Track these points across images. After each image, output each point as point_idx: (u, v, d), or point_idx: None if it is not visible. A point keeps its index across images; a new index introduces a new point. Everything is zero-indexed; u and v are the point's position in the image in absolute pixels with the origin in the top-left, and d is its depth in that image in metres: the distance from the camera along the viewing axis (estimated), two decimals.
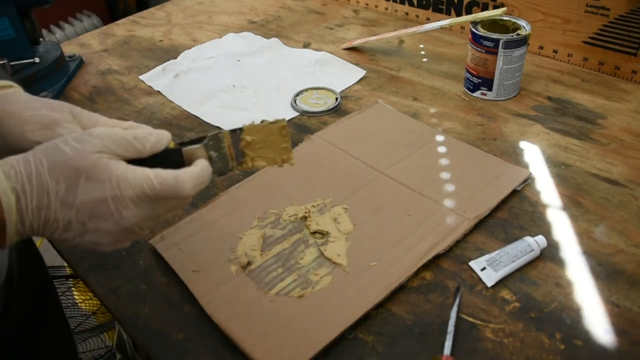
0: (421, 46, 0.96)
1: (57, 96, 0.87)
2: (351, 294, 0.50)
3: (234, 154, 0.43)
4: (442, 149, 0.68)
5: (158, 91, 0.87)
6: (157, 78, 0.90)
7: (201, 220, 0.59)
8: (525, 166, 0.65)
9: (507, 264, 0.51)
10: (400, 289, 0.51)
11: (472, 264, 0.53)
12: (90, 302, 1.19)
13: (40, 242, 1.46)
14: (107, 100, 0.86)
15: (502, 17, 0.78)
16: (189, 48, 1.00)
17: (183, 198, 0.40)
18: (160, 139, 0.41)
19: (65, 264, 1.13)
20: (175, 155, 0.41)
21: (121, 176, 0.38)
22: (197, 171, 0.40)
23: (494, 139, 0.70)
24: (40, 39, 0.92)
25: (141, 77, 0.91)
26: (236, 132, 0.42)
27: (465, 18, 0.80)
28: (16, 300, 0.58)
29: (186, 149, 0.41)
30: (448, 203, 0.59)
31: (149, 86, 0.89)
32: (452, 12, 0.99)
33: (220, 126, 0.76)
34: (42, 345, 0.64)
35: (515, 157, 0.67)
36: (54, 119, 0.44)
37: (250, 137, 0.43)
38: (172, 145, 0.42)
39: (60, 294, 1.15)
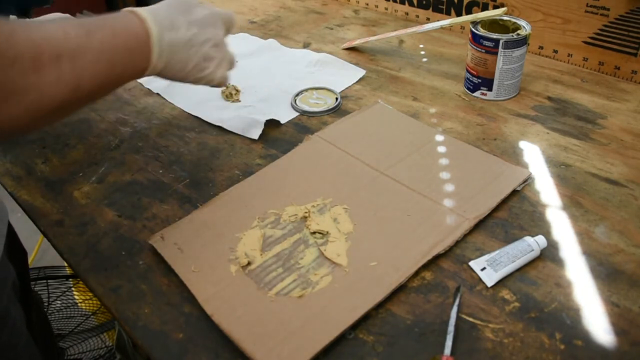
0: (421, 46, 0.96)
1: None
2: (351, 294, 0.50)
3: None
4: (442, 149, 0.68)
5: (157, 93, 0.87)
6: (155, 80, 0.90)
7: (201, 220, 0.59)
8: (525, 166, 0.65)
9: (507, 264, 0.51)
10: (400, 289, 0.51)
11: (472, 264, 0.53)
12: (90, 302, 1.19)
13: (39, 244, 1.46)
14: (107, 100, 0.86)
15: (502, 17, 0.78)
16: None
17: (234, 26, 0.63)
18: None
19: (65, 264, 1.13)
20: None
21: (212, 5, 0.60)
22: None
23: (494, 139, 0.70)
24: None
25: (139, 79, 0.91)
26: None
27: (465, 18, 0.80)
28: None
29: None
30: (448, 203, 0.59)
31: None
32: (452, 12, 0.99)
33: (221, 126, 0.76)
34: None
35: (515, 157, 0.67)
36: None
37: None
38: None
39: (60, 293, 1.15)
